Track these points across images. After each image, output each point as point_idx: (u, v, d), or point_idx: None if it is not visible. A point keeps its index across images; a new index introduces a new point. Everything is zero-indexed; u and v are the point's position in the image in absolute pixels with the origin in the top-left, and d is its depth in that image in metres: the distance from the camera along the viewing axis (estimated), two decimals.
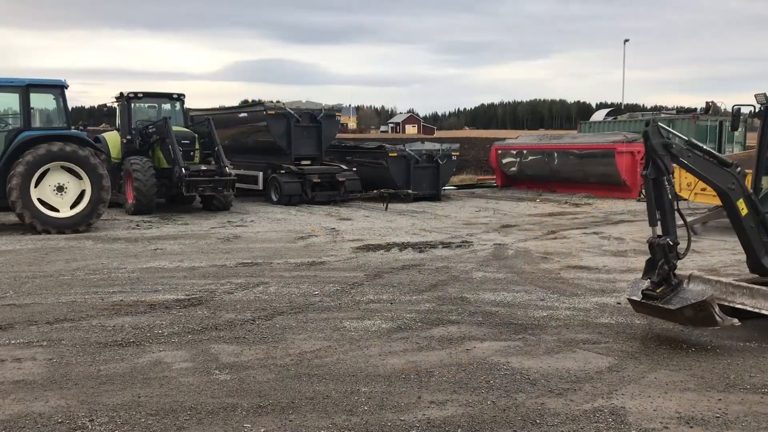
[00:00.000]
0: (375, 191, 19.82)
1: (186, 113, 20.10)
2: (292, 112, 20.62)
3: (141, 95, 19.08)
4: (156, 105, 19.50)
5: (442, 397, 5.29)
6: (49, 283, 9.32)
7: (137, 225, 15.50)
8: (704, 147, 6.92)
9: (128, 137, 18.57)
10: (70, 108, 15.13)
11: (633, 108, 57.74)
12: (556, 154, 23.54)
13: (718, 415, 4.98)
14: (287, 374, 5.78)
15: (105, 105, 20.01)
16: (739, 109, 7.69)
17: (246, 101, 31.39)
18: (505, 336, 6.91)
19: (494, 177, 26.90)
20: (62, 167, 14.20)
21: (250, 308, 7.97)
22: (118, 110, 19.47)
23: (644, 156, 6.75)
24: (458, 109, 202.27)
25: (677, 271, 6.91)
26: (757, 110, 7.50)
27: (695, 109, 32.22)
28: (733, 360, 6.23)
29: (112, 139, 19.26)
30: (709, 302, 6.32)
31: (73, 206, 14.30)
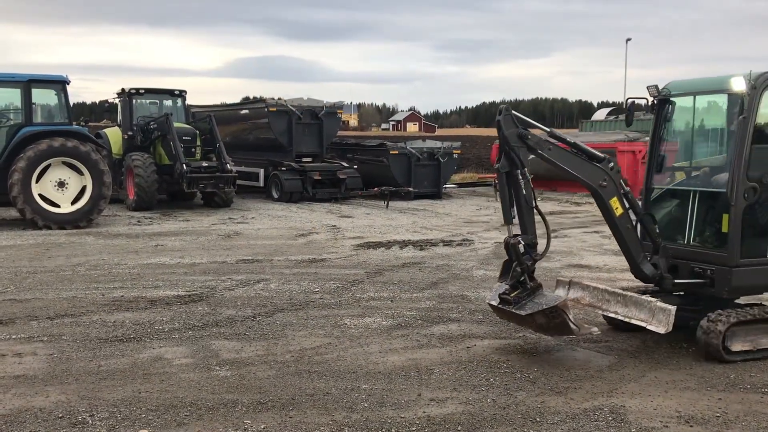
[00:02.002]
0: (376, 189, 19.82)
1: (187, 110, 20.08)
2: (294, 109, 20.61)
3: (142, 91, 19.07)
4: (157, 101, 19.49)
5: (443, 394, 5.29)
6: (50, 278, 9.33)
7: (138, 221, 15.50)
8: (571, 139, 6.41)
9: (129, 133, 18.57)
10: (71, 104, 15.13)
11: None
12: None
13: (718, 414, 4.98)
14: (287, 371, 5.78)
15: (106, 101, 19.98)
16: (633, 102, 7.01)
17: (247, 98, 31.45)
18: (505, 334, 6.91)
19: (495, 175, 26.86)
20: (63, 163, 14.20)
21: (251, 305, 7.98)
22: (119, 106, 19.47)
23: (498, 148, 6.24)
24: (460, 107, 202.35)
25: (560, 277, 6.60)
26: (649, 103, 6.94)
27: None
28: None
29: (114, 135, 19.26)
30: (561, 308, 5.86)
31: (74, 202, 14.31)
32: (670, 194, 6.98)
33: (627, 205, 6.33)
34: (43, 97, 15.09)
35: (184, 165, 16.83)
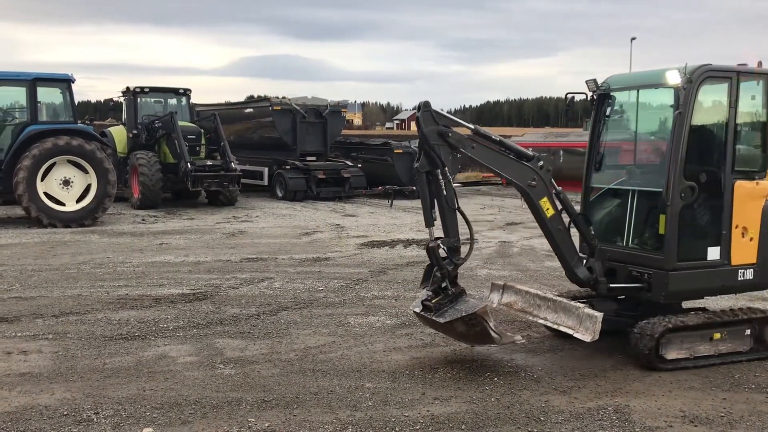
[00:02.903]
0: (380, 188, 19.82)
1: (192, 108, 20.12)
2: (298, 108, 20.63)
3: (147, 90, 19.11)
4: (162, 100, 19.53)
5: (446, 393, 5.29)
6: (55, 276, 9.35)
7: (143, 219, 15.53)
8: (497, 137, 6.05)
9: (134, 132, 18.61)
10: (76, 102, 15.18)
11: None
12: (561, 152, 23.50)
13: (722, 414, 4.98)
14: (291, 369, 5.79)
15: (111, 99, 20.03)
16: (573, 97, 6.70)
17: (252, 97, 31.47)
18: (509, 333, 6.89)
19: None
20: (68, 161, 14.24)
21: (255, 303, 7.99)
22: (124, 105, 19.50)
23: (418, 146, 5.96)
24: (464, 106, 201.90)
25: (496, 280, 6.36)
26: (589, 98, 6.65)
27: None
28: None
29: (119, 133, 19.30)
30: (481, 315, 5.52)
31: (79, 200, 14.35)
32: (609, 194, 6.68)
33: (559, 206, 6.08)
34: (49, 95, 15.14)
35: (188, 164, 16.86)
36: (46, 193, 14.06)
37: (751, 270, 6.24)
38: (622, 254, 6.30)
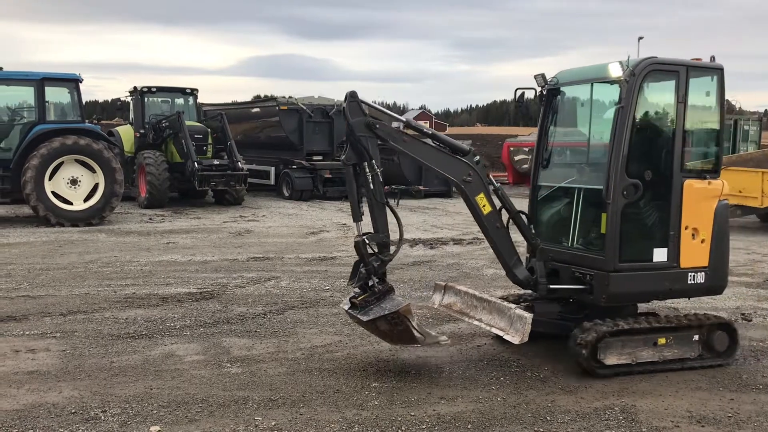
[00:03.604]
0: (386, 187, 19.81)
1: (199, 108, 20.20)
2: (305, 107, 20.65)
3: (154, 89, 19.18)
4: (169, 99, 19.61)
5: (453, 393, 5.29)
6: (63, 275, 9.39)
7: (150, 218, 15.58)
8: (430, 130, 5.90)
9: (141, 131, 18.68)
10: (84, 102, 15.25)
11: None
12: (568, 151, 23.42)
13: (729, 415, 4.96)
14: (298, 368, 5.80)
15: (119, 99, 20.11)
16: (523, 93, 6.34)
17: (258, 96, 31.50)
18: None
19: (506, 174, 26.83)
20: (76, 160, 14.31)
21: (262, 302, 8.00)
22: (131, 104, 19.58)
23: (345, 138, 5.78)
24: (470, 105, 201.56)
25: (439, 281, 6.15)
26: (538, 94, 6.33)
27: None
28: (746, 360, 6.19)
29: (126, 133, 19.37)
30: (403, 314, 5.34)
31: (86, 199, 14.42)
32: (556, 192, 6.42)
33: (498, 203, 5.85)
34: (57, 95, 15.22)
35: (195, 163, 16.91)
36: (53, 192, 14.13)
37: (703, 273, 5.93)
38: (567, 255, 6.04)
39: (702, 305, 8.13)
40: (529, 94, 6.40)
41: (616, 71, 5.58)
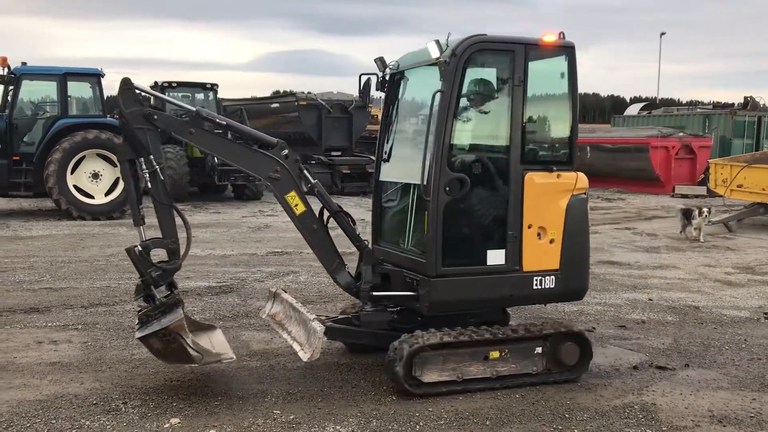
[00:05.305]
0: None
1: (219, 103, 20.28)
2: (324, 103, 20.69)
3: (175, 84, 19.31)
4: (189, 94, 19.71)
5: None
6: (84, 268, 9.49)
7: None
8: (226, 120, 5.22)
9: None
10: (105, 96, 15.39)
11: (668, 102, 56.85)
12: (588, 148, 23.27)
13: (752, 415, 4.90)
14: (316, 362, 5.76)
15: None
16: (369, 79, 5.76)
17: (278, 92, 31.57)
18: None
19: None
20: (98, 155, 14.45)
21: None
22: (152, 99, 19.71)
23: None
24: None
25: (272, 287, 5.75)
26: (379, 80, 5.71)
27: (733, 104, 31.64)
28: None
29: None
30: (175, 330, 4.72)
31: (107, 193, 14.57)
32: (393, 189, 5.83)
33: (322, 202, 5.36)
34: (79, 90, 15.38)
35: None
36: (75, 186, 14.28)
37: (552, 277, 5.25)
38: (402, 258, 5.41)
39: (723, 305, 8.05)
40: (375, 81, 5.79)
41: (434, 51, 4.91)
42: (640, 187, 22.15)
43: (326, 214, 5.57)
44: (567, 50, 5.26)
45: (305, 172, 5.36)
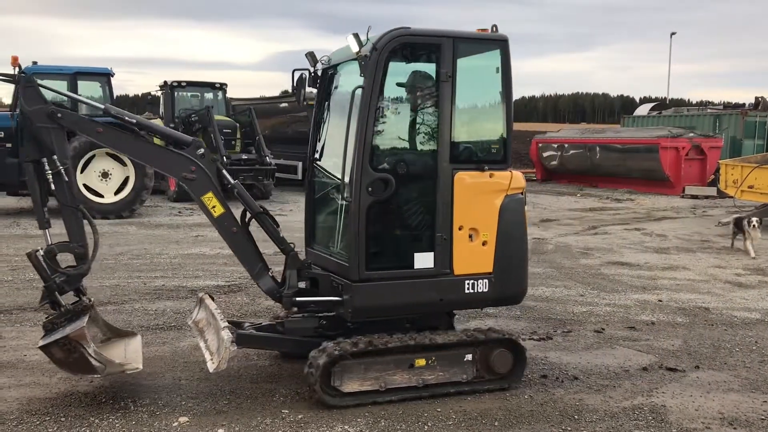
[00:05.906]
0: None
1: (228, 102, 20.34)
2: None
3: (184, 84, 19.38)
4: (199, 94, 19.78)
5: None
6: (94, 266, 9.46)
7: (179, 212, 15.74)
8: (136, 118, 5.05)
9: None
10: (115, 96, 15.44)
11: (678, 103, 56.58)
12: (598, 148, 23.20)
13: (762, 417, 4.87)
14: None
15: (149, 93, 20.37)
16: (302, 74, 5.48)
17: (287, 92, 31.61)
18: (542, 331, 6.84)
19: (534, 171, 26.67)
20: (107, 154, 14.50)
21: None
22: (161, 99, 19.79)
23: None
24: None
25: (200, 293, 5.57)
26: (312, 75, 5.49)
27: (743, 104, 31.45)
28: None
29: None
30: (75, 339, 4.49)
31: (117, 192, 14.62)
32: (324, 189, 5.65)
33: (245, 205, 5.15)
34: (89, 89, 15.44)
35: (224, 157, 17.03)
36: (85, 185, 14.34)
37: (486, 281, 5.06)
38: (330, 261, 5.24)
39: (734, 306, 8.01)
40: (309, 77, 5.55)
41: (353, 45, 4.70)
42: (649, 188, 22.06)
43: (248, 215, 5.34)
44: (500, 44, 5.02)
45: (224, 171, 5.11)
